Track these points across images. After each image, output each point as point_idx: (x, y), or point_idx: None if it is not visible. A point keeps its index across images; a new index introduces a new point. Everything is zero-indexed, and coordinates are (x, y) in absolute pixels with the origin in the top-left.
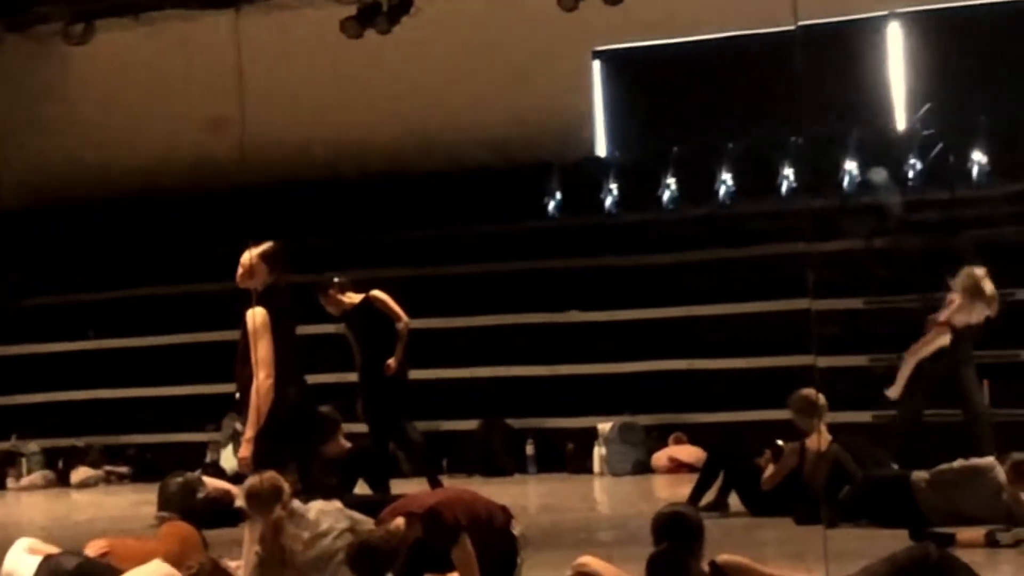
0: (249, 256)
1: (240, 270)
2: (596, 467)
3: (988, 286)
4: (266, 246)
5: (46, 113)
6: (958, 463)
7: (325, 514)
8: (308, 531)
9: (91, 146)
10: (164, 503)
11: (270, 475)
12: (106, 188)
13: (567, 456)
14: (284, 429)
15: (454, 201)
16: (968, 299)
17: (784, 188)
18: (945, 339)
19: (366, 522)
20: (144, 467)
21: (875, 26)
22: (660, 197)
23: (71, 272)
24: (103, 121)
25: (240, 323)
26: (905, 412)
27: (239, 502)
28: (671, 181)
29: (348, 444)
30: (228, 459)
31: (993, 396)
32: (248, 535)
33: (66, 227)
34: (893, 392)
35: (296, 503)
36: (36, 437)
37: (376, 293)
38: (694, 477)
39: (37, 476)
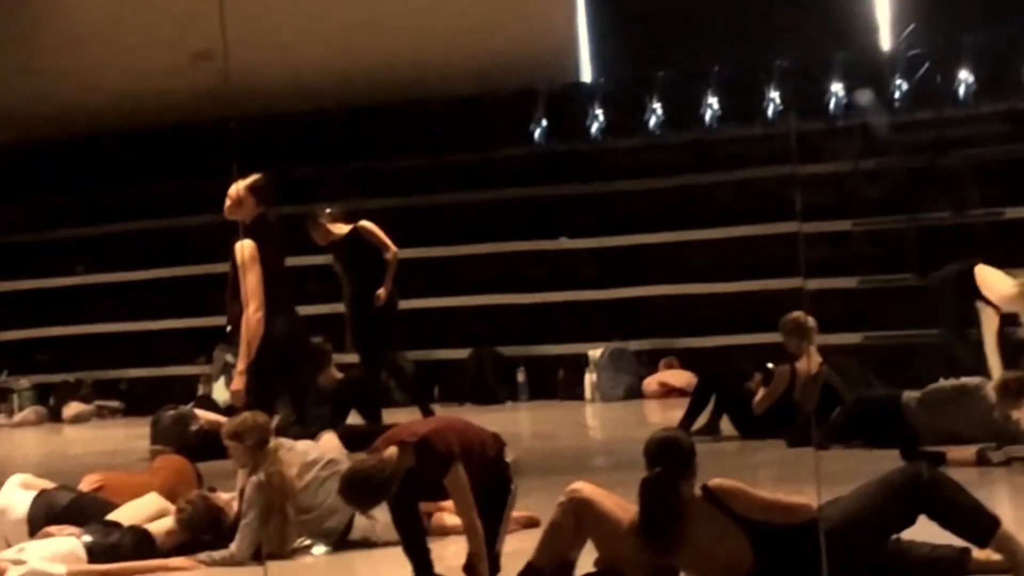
0: (236, 188)
1: (228, 202)
2: (587, 393)
3: None
4: (253, 178)
5: (28, 47)
6: (948, 382)
7: (313, 447)
8: (299, 460)
9: (76, 79)
10: (157, 437)
11: (253, 413)
12: (93, 121)
13: (558, 383)
14: (276, 361)
15: (440, 130)
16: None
17: (770, 111)
18: (994, 320)
19: (354, 458)
20: (136, 401)
21: None
22: (646, 122)
23: (59, 207)
24: (88, 54)
25: (229, 256)
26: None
27: (225, 440)
28: (657, 106)
29: (339, 374)
30: (220, 392)
31: None
32: (241, 468)
33: (53, 161)
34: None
35: (284, 439)
36: (27, 373)
37: (364, 223)
38: (685, 402)
39: (29, 412)
